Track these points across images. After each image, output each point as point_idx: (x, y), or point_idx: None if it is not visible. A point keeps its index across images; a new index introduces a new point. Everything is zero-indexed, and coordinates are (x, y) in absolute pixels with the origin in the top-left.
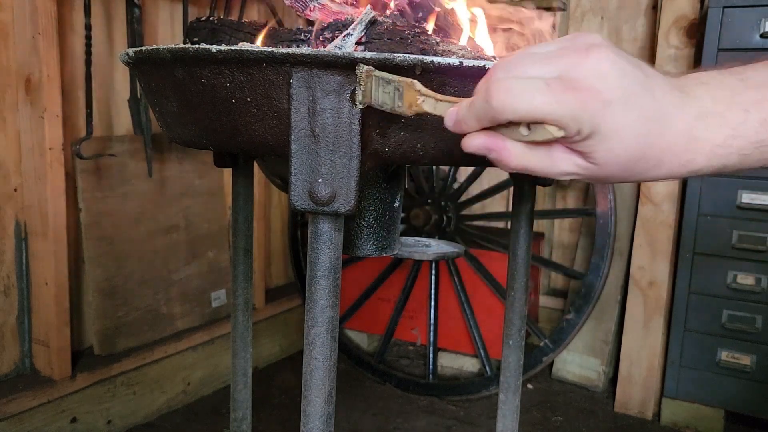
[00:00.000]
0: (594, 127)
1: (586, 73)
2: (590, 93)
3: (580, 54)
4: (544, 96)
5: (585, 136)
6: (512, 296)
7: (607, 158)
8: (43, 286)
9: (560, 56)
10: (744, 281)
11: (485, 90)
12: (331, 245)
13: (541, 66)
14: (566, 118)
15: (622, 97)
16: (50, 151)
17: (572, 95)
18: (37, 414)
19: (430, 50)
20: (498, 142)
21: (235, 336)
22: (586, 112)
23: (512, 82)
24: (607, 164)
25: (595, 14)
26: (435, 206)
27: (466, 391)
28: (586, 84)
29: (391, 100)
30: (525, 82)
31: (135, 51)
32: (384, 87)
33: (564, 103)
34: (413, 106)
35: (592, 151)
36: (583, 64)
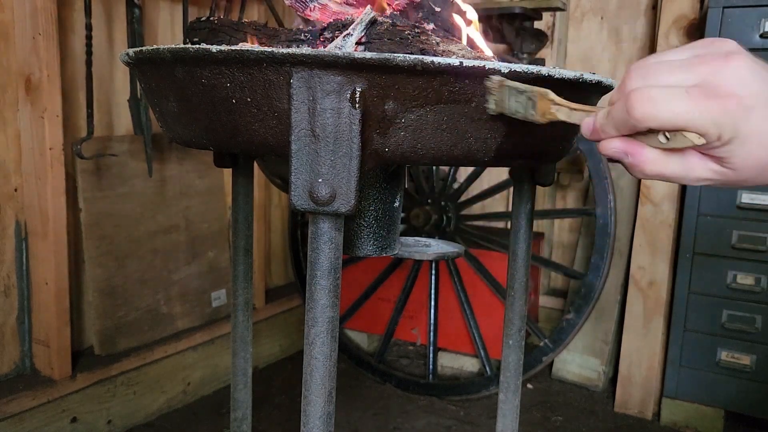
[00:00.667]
0: (735, 132)
1: (727, 79)
2: (732, 99)
3: (720, 61)
4: (685, 104)
5: (725, 142)
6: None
7: (746, 162)
8: (43, 286)
9: (699, 63)
10: (744, 281)
11: (625, 99)
12: (331, 245)
13: (680, 73)
14: (708, 124)
15: (761, 102)
16: (50, 151)
17: (714, 102)
18: (38, 414)
19: (431, 50)
20: (635, 148)
21: (235, 336)
22: (728, 117)
23: (653, 90)
24: (744, 168)
25: (595, 14)
26: (435, 206)
27: (466, 391)
28: (727, 90)
29: (524, 108)
30: (665, 91)
31: (135, 51)
32: (516, 97)
33: (706, 109)
34: (546, 115)
35: (730, 156)
36: (723, 71)
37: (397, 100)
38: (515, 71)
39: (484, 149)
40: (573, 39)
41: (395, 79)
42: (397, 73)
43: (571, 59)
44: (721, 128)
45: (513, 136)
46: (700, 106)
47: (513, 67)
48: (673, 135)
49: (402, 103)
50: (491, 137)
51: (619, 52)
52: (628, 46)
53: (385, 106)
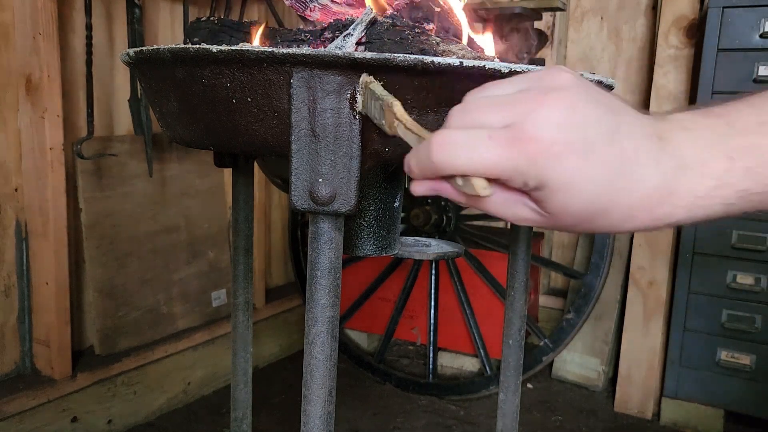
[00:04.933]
0: (541, 180)
1: (536, 121)
2: (536, 144)
3: (537, 100)
4: (483, 149)
5: (532, 188)
6: (512, 296)
7: (561, 210)
8: (43, 285)
9: (517, 101)
10: (744, 281)
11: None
12: (332, 245)
13: (495, 112)
14: (509, 171)
15: (577, 150)
16: (51, 151)
17: (516, 147)
18: (38, 414)
19: (431, 50)
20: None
21: (236, 336)
22: (531, 164)
23: (453, 134)
24: (561, 215)
25: (595, 14)
26: (435, 206)
27: (466, 391)
28: (533, 134)
29: (378, 115)
30: (466, 135)
31: (135, 51)
32: (374, 101)
33: (504, 156)
34: (391, 127)
35: (544, 202)
36: (535, 112)
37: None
38: (515, 71)
39: None
40: (573, 39)
41: (395, 79)
42: (397, 73)
43: (571, 59)
44: (525, 176)
45: None
46: (500, 152)
47: (513, 67)
48: (465, 180)
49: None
50: None
51: (619, 52)
52: (628, 46)
53: None
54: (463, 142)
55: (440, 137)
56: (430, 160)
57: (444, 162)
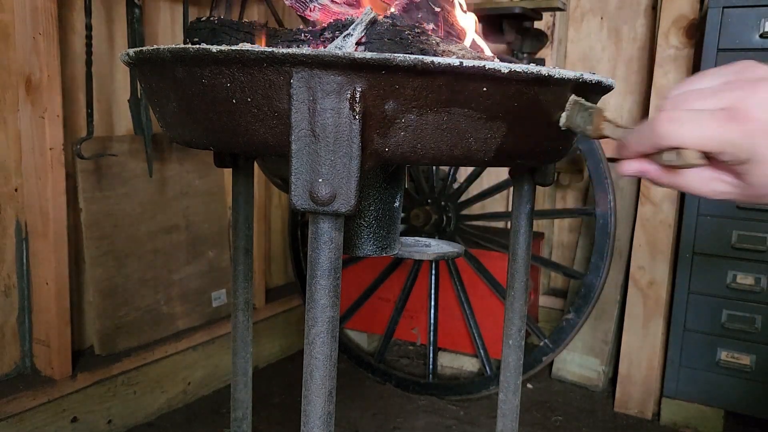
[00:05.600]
0: (752, 153)
1: (752, 105)
2: (754, 123)
3: (749, 87)
4: (707, 125)
5: (741, 161)
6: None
7: (761, 180)
8: (43, 285)
9: (728, 89)
10: (744, 281)
11: (653, 119)
12: (332, 245)
13: (709, 100)
14: (725, 144)
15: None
16: (51, 151)
17: (735, 124)
18: (38, 414)
19: (431, 50)
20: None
21: (236, 336)
22: (746, 139)
23: (679, 112)
24: (759, 186)
25: (595, 14)
26: (435, 206)
27: (466, 391)
28: (751, 115)
29: (584, 123)
30: (691, 112)
31: (135, 51)
32: (582, 112)
33: (725, 131)
34: (598, 129)
35: (746, 174)
36: (750, 97)
37: (397, 100)
38: (515, 71)
39: (484, 149)
40: (573, 39)
41: (395, 79)
42: (397, 73)
43: (571, 59)
44: (739, 149)
45: (513, 136)
46: (720, 128)
47: (513, 67)
48: (680, 153)
49: (402, 103)
50: (491, 137)
51: (619, 52)
52: (628, 46)
53: (385, 107)
54: (687, 118)
55: (666, 114)
56: (653, 132)
57: (668, 132)
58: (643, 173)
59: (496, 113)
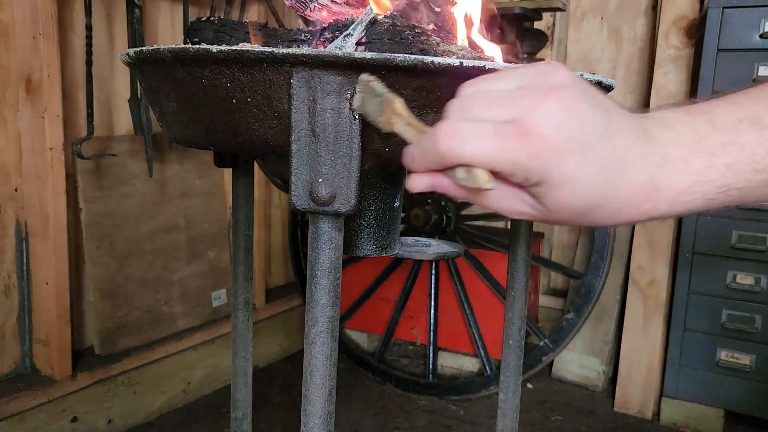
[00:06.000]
0: (543, 176)
1: (540, 119)
2: (541, 141)
3: (538, 97)
4: (491, 143)
5: (533, 184)
6: (512, 296)
7: (558, 205)
8: (43, 285)
9: (519, 97)
10: (743, 281)
11: (435, 132)
12: (332, 245)
13: (497, 108)
14: (512, 166)
15: (577, 147)
16: (51, 151)
17: (520, 143)
18: (38, 413)
19: (431, 50)
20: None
21: (236, 336)
22: (535, 161)
23: (461, 125)
24: (558, 211)
25: (595, 14)
26: (435, 206)
27: (466, 391)
28: (537, 132)
29: (376, 112)
30: (474, 127)
31: (135, 51)
32: (374, 98)
33: (511, 150)
34: (388, 123)
35: (542, 197)
36: (538, 109)
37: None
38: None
39: None
40: (573, 39)
41: (395, 79)
42: (397, 73)
43: (571, 59)
44: (527, 171)
45: None
46: (505, 146)
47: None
48: (468, 172)
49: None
50: None
51: (619, 52)
52: (628, 46)
53: None
54: (469, 133)
55: (447, 127)
56: (435, 149)
57: (450, 151)
58: (435, 188)
59: None
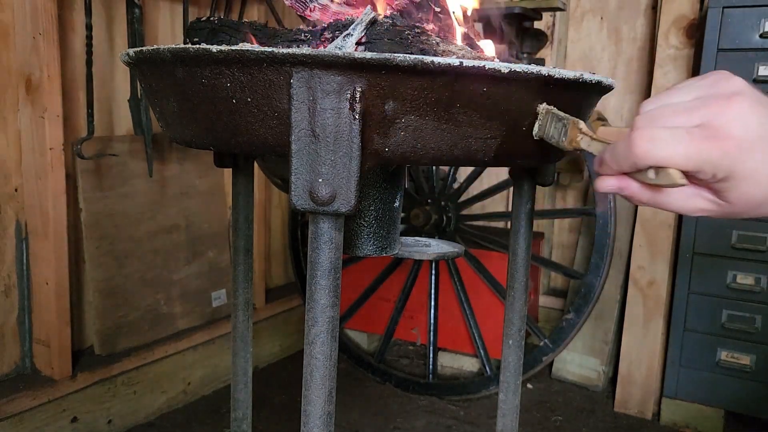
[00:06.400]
0: (730, 172)
1: (728, 122)
2: (730, 141)
3: (722, 103)
4: (684, 144)
5: (720, 179)
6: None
7: (740, 199)
8: (43, 285)
9: (702, 105)
10: (744, 281)
11: (629, 138)
12: (331, 245)
13: (684, 116)
14: (703, 163)
15: (760, 145)
16: (51, 151)
17: (712, 143)
18: (38, 414)
19: (431, 50)
20: (627, 182)
21: (236, 336)
22: (724, 158)
23: (655, 131)
24: (739, 203)
25: (595, 14)
26: (435, 206)
27: (466, 391)
28: (727, 132)
29: (558, 135)
30: (667, 131)
31: (135, 51)
32: (555, 123)
33: (703, 150)
34: (573, 142)
35: (726, 192)
36: (725, 113)
37: (397, 100)
38: (515, 71)
39: (484, 149)
40: (573, 39)
41: (395, 79)
42: (397, 73)
43: (571, 59)
44: (717, 168)
45: (513, 137)
46: (698, 147)
47: (513, 67)
48: (660, 172)
49: (402, 103)
50: (491, 137)
51: (619, 52)
52: (628, 46)
53: (385, 107)
54: (665, 137)
55: (643, 132)
56: (631, 152)
57: (646, 153)
58: (622, 190)
59: (496, 113)
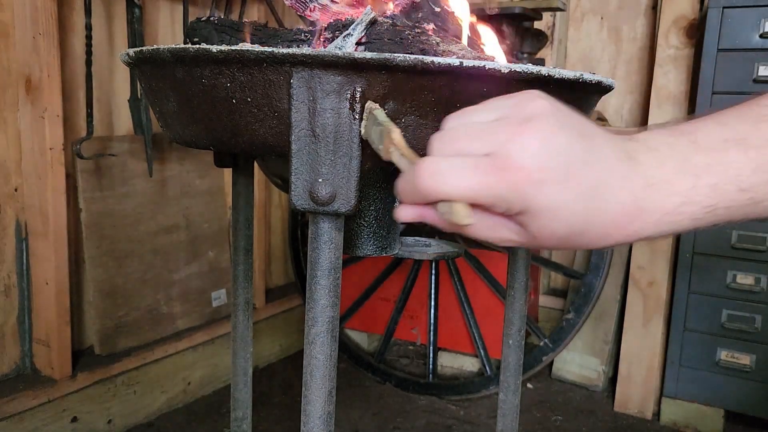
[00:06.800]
0: (524, 206)
1: (518, 151)
2: (519, 173)
3: (516, 129)
4: (471, 178)
5: (516, 213)
6: (512, 296)
7: (543, 232)
8: (43, 285)
9: (497, 130)
10: (743, 281)
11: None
12: (332, 245)
13: (476, 141)
14: (494, 198)
15: (555, 176)
16: (50, 151)
17: (499, 175)
18: (38, 413)
19: (431, 50)
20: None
21: (236, 336)
22: (515, 192)
23: (441, 163)
24: (543, 237)
25: (595, 14)
26: None
27: (466, 391)
28: (516, 163)
29: (378, 140)
30: (453, 164)
31: (135, 51)
32: (376, 126)
33: (492, 184)
34: (387, 152)
35: (527, 225)
36: (515, 140)
37: (397, 100)
38: (515, 71)
39: None
40: (573, 39)
41: (395, 79)
42: (397, 73)
43: (571, 59)
44: (509, 203)
45: None
46: (484, 180)
47: (513, 67)
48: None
49: (402, 103)
50: None
51: (619, 52)
52: (628, 46)
53: (385, 106)
54: (448, 170)
55: (426, 165)
56: (416, 186)
57: (430, 188)
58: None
59: None
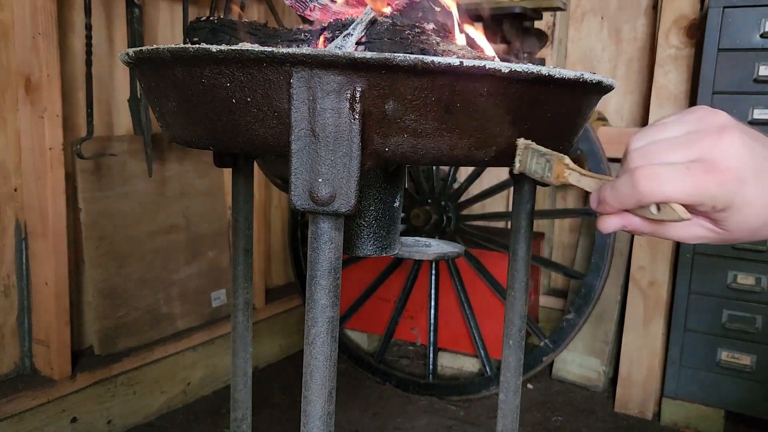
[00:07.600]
0: (728, 202)
1: (723, 154)
2: (728, 173)
3: (714, 137)
4: (686, 180)
5: (719, 210)
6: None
7: (739, 226)
8: (43, 286)
9: (695, 140)
10: (744, 281)
11: (630, 175)
12: (331, 245)
13: (679, 152)
14: (704, 197)
15: (753, 174)
16: (50, 151)
17: (710, 176)
18: (37, 414)
19: (431, 50)
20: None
21: (235, 336)
22: (723, 190)
23: (657, 168)
24: (737, 230)
25: (595, 14)
26: (435, 206)
27: (466, 391)
28: (723, 165)
29: (542, 170)
30: (669, 168)
31: (135, 51)
32: (537, 158)
33: (704, 184)
34: (560, 177)
35: (724, 221)
36: (719, 146)
37: (397, 99)
38: (515, 71)
39: (484, 149)
40: (573, 39)
41: (395, 79)
42: (397, 73)
43: (571, 59)
44: (716, 200)
45: (513, 137)
46: (698, 181)
47: (513, 67)
48: (663, 207)
49: (402, 102)
50: (491, 137)
51: (620, 52)
52: (629, 46)
53: (385, 106)
54: (666, 174)
55: (645, 170)
56: (635, 190)
57: (651, 190)
58: (625, 227)
59: (496, 113)
